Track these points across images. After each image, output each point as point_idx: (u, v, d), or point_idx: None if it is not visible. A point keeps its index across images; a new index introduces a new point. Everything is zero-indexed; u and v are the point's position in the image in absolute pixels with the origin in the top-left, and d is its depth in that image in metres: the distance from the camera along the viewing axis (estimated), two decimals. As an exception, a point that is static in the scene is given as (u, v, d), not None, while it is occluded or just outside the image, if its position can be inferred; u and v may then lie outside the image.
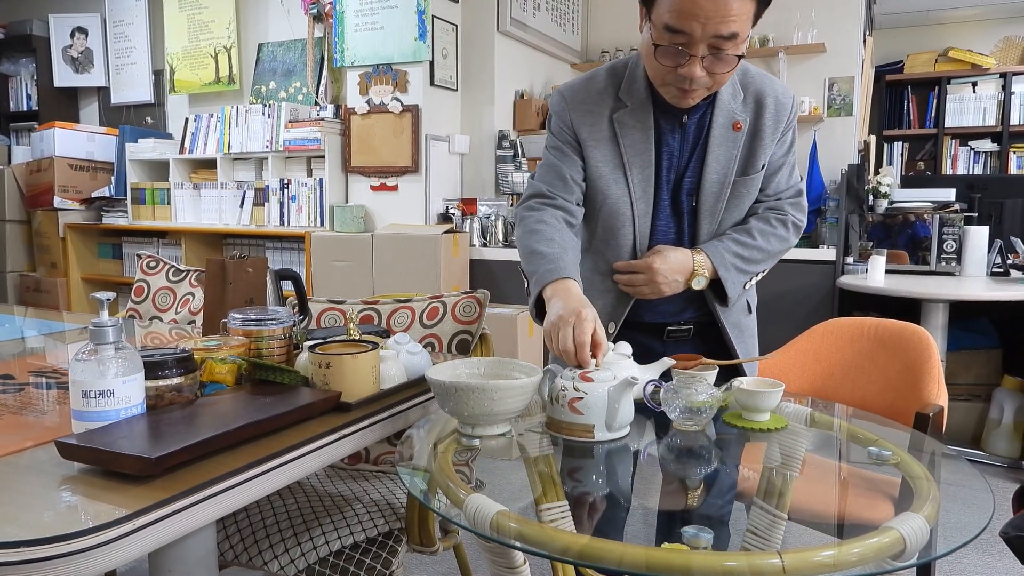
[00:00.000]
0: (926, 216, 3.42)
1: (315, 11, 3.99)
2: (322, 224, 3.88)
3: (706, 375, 1.14)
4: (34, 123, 5.21)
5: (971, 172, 5.89)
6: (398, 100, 3.74)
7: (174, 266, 2.26)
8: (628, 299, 1.41)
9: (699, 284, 1.35)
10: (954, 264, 3.35)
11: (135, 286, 2.26)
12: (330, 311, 1.85)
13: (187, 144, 4.34)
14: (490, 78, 4.04)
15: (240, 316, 1.27)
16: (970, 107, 5.87)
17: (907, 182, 4.43)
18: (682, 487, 1.03)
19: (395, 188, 3.84)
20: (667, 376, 1.19)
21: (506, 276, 3.59)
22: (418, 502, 1.38)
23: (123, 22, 4.99)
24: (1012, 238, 3.34)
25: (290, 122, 3.92)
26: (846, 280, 3.23)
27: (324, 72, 4.06)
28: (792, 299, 3.30)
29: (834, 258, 3.34)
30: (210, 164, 4.27)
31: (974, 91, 5.86)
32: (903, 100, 6.11)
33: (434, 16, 3.69)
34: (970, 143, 5.93)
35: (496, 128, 4.08)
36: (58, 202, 4.51)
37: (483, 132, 4.08)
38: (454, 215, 3.75)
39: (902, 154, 6.18)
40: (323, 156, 3.86)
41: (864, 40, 4.46)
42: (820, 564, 0.71)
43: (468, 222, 3.70)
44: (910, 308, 3.12)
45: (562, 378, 1.09)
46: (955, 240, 3.33)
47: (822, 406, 1.38)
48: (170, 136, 4.71)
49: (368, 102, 3.81)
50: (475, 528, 0.81)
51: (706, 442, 1.12)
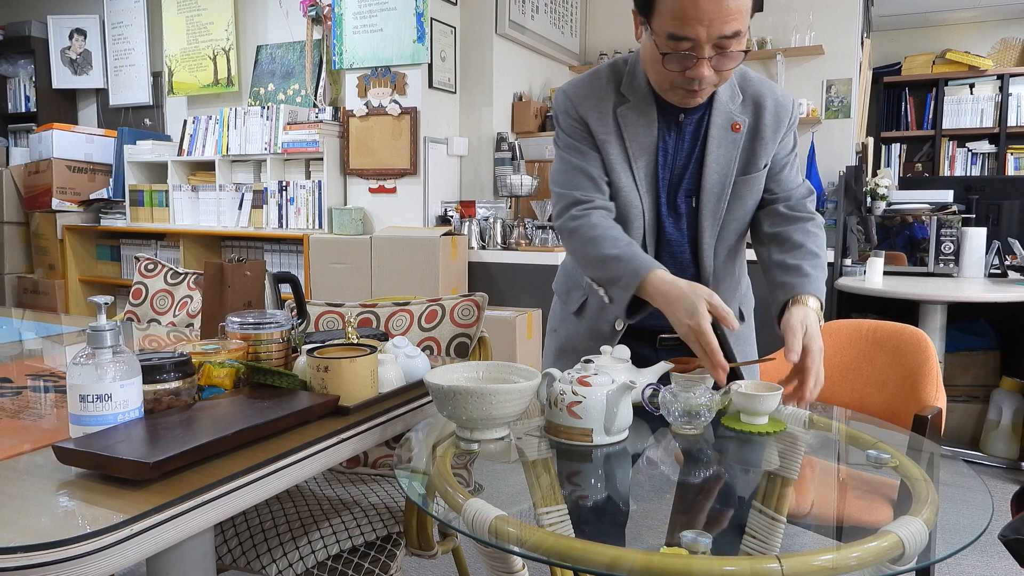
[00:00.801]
0: (924, 218, 3.43)
1: (314, 13, 3.99)
2: (320, 226, 3.88)
3: (704, 378, 1.14)
4: (32, 124, 5.21)
5: (969, 174, 5.90)
6: (396, 102, 3.74)
7: (172, 268, 2.26)
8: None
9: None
10: (952, 265, 3.35)
11: (133, 288, 2.26)
12: (328, 314, 1.85)
13: (185, 146, 4.34)
14: (488, 80, 4.04)
15: (238, 320, 1.26)
16: (967, 109, 5.88)
17: (905, 184, 4.43)
18: (681, 491, 1.03)
19: (393, 190, 3.84)
20: (666, 380, 1.19)
21: (505, 279, 3.59)
22: (416, 506, 1.38)
23: (122, 24, 4.99)
24: (1010, 239, 3.34)
25: (288, 124, 3.92)
26: (844, 282, 3.23)
27: (323, 74, 4.06)
28: (790, 301, 3.30)
29: (832, 260, 3.34)
30: (208, 166, 4.27)
31: (971, 93, 5.87)
32: (901, 102, 6.11)
33: (432, 18, 3.69)
34: (968, 145, 5.94)
35: (494, 130, 4.09)
36: (56, 204, 4.51)
37: (481, 134, 4.08)
38: (452, 217, 3.74)
39: (900, 156, 6.19)
40: (321, 158, 3.86)
41: (862, 42, 4.47)
42: (819, 568, 0.71)
43: (467, 224, 3.70)
44: (908, 309, 3.13)
45: (560, 382, 1.09)
46: (953, 241, 3.33)
47: (820, 408, 1.37)
48: (168, 138, 4.71)
49: (367, 104, 3.81)
50: (473, 533, 0.81)
51: (704, 445, 1.12)
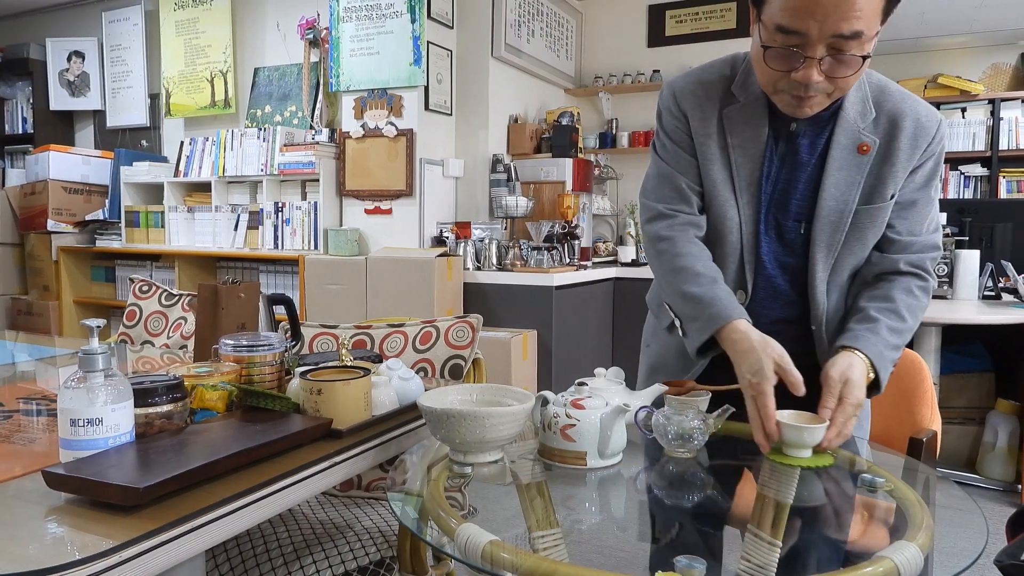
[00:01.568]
0: (917, 240, 3.44)
1: (311, 36, 4.03)
2: (316, 247, 3.88)
3: (698, 401, 1.14)
4: (29, 146, 5.23)
5: (962, 196, 5.94)
6: (393, 124, 3.76)
7: (166, 290, 2.26)
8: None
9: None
10: (946, 288, 3.36)
11: (127, 310, 2.25)
12: (323, 336, 1.85)
13: (182, 167, 4.35)
14: (484, 103, 4.07)
15: (231, 342, 1.26)
16: (960, 132, 5.93)
17: (898, 206, 4.46)
18: (674, 515, 1.03)
19: (389, 212, 3.85)
20: (660, 402, 1.18)
21: (500, 300, 3.60)
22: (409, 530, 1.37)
23: (120, 46, 5.03)
24: (1003, 262, 3.36)
25: (285, 146, 3.94)
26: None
27: (319, 96, 4.09)
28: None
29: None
30: (205, 187, 4.28)
31: (963, 117, 5.93)
32: (893, 125, 6.16)
33: (429, 42, 3.73)
34: (960, 168, 5.98)
35: (490, 152, 4.11)
36: (51, 225, 4.51)
37: (477, 156, 4.10)
38: (448, 238, 3.75)
39: (893, 178, 6.22)
40: (317, 180, 3.88)
41: (854, 66, 4.51)
42: (814, 595, 0.71)
43: (462, 246, 3.71)
44: (903, 332, 3.13)
45: (554, 404, 1.09)
46: (947, 264, 3.34)
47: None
48: (165, 159, 4.72)
49: (363, 126, 3.83)
50: (466, 559, 0.80)
51: (698, 469, 1.11)
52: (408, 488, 1.05)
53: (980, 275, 3.36)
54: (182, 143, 4.39)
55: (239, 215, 4.09)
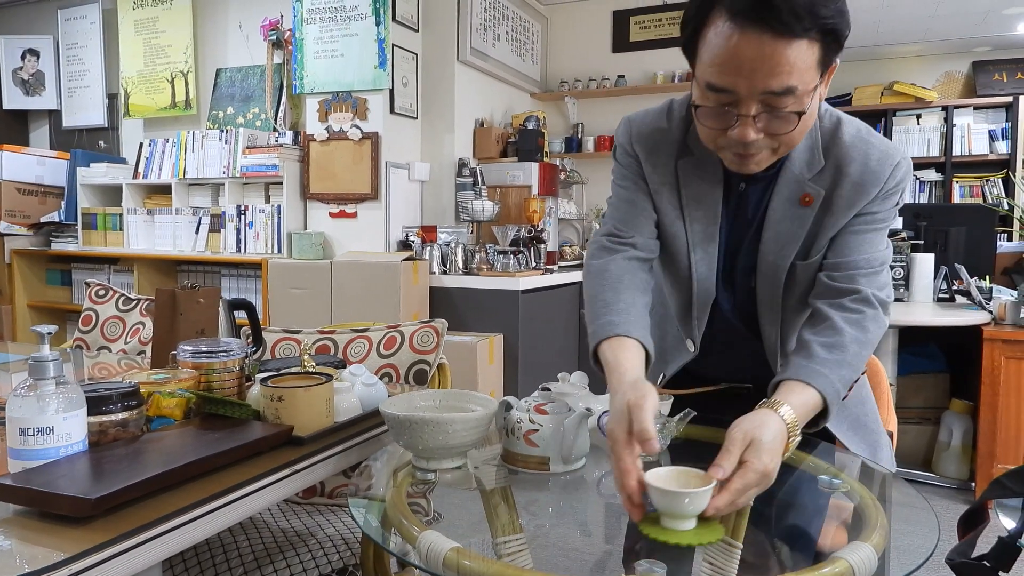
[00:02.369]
0: (875, 244, 3.51)
1: (274, 38, 3.98)
2: (280, 251, 3.83)
3: (659, 405, 1.14)
4: (-19, 146, 5.08)
5: (917, 201, 6.09)
6: (358, 127, 3.73)
7: (124, 295, 2.21)
8: (684, 352, 1.28)
9: (796, 444, 1.00)
10: (902, 290, 3.44)
11: (83, 315, 2.20)
12: (285, 341, 1.82)
13: (141, 169, 4.27)
14: (450, 106, 4.06)
15: (190, 348, 1.24)
16: (915, 138, 6.08)
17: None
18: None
19: (354, 215, 3.82)
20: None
21: (466, 304, 3.59)
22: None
23: (76, 44, 4.91)
24: (957, 265, 3.45)
25: (248, 148, 3.89)
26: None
27: (283, 98, 4.04)
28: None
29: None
30: (165, 189, 4.20)
31: (918, 123, 6.09)
32: (852, 131, 6.29)
33: (394, 44, 3.71)
34: (915, 173, 6.13)
35: (456, 156, 4.10)
36: (4, 227, 4.39)
37: (443, 160, 4.09)
38: (414, 242, 3.74)
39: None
40: (281, 182, 3.83)
41: (814, 73, 4.60)
42: (772, 596, 0.71)
43: (428, 249, 3.69)
44: (861, 334, 3.19)
45: (517, 410, 1.09)
46: (903, 267, 3.43)
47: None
48: (124, 161, 4.62)
49: (327, 129, 3.80)
50: (428, 567, 0.79)
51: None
52: (371, 494, 1.04)
53: (935, 278, 3.45)
54: (141, 144, 4.30)
55: (200, 218, 4.02)
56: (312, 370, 1.26)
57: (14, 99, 5.10)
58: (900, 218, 3.65)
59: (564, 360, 3.95)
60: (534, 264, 3.85)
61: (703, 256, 1.19)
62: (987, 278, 3.47)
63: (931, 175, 6.07)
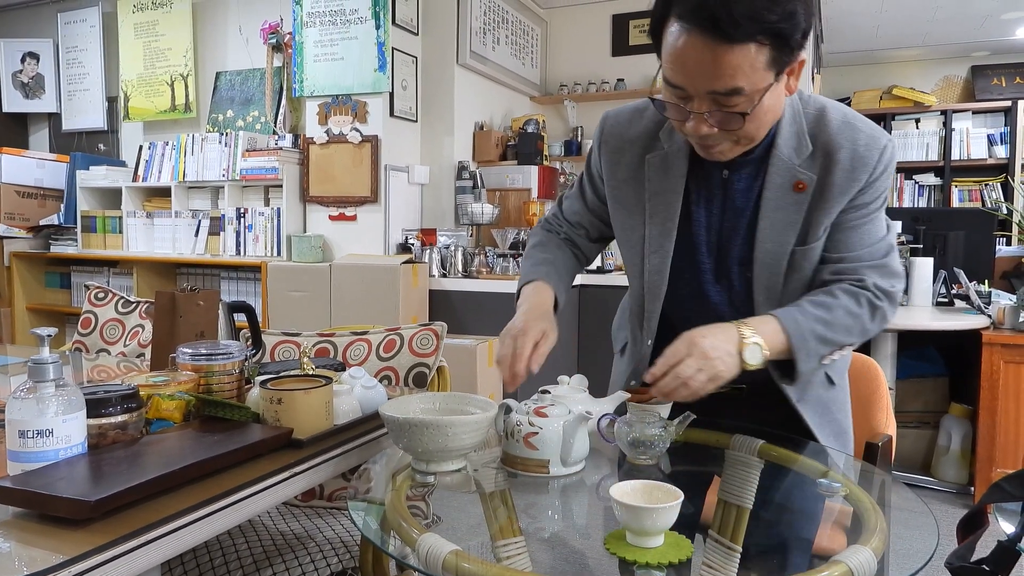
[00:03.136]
0: (874, 248, 3.51)
1: (274, 41, 3.98)
2: (279, 254, 3.83)
3: (659, 408, 1.15)
4: (-20, 149, 5.08)
5: (916, 205, 6.10)
6: (357, 130, 3.73)
7: (123, 297, 2.21)
8: (645, 348, 1.30)
9: (754, 358, 1.06)
10: (902, 294, 3.44)
11: (82, 317, 2.20)
12: (285, 344, 1.82)
13: (141, 172, 4.27)
14: (450, 109, 4.07)
15: (189, 351, 1.24)
16: (914, 143, 6.10)
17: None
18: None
19: (354, 218, 3.82)
20: (623, 410, 1.19)
21: (466, 307, 3.59)
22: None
23: (76, 48, 4.92)
24: (956, 269, 3.45)
25: (247, 151, 3.89)
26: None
27: (283, 101, 4.04)
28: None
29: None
30: (164, 192, 4.20)
31: (917, 127, 6.10)
32: (851, 135, 6.31)
33: (394, 48, 3.71)
34: (914, 177, 6.15)
35: (456, 159, 4.11)
36: (3, 230, 4.38)
37: (443, 163, 4.09)
38: (413, 245, 3.74)
39: (851, 187, 6.37)
40: (281, 185, 3.83)
41: (812, 77, 4.62)
42: (771, 599, 0.71)
43: (427, 252, 3.69)
44: (860, 337, 3.19)
45: (517, 412, 1.09)
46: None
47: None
48: (123, 164, 4.62)
49: (327, 132, 3.80)
50: (427, 570, 0.79)
51: (659, 475, 1.12)
52: (371, 497, 1.04)
53: (934, 282, 3.45)
54: (141, 147, 4.30)
55: (200, 221, 4.02)
56: (311, 373, 1.26)
57: (14, 102, 5.11)
58: (899, 222, 3.66)
59: (563, 363, 3.95)
60: (533, 267, 3.84)
61: (657, 249, 1.22)
62: (986, 282, 3.47)
63: (930, 179, 6.08)
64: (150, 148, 4.26)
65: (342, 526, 1.56)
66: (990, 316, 3.07)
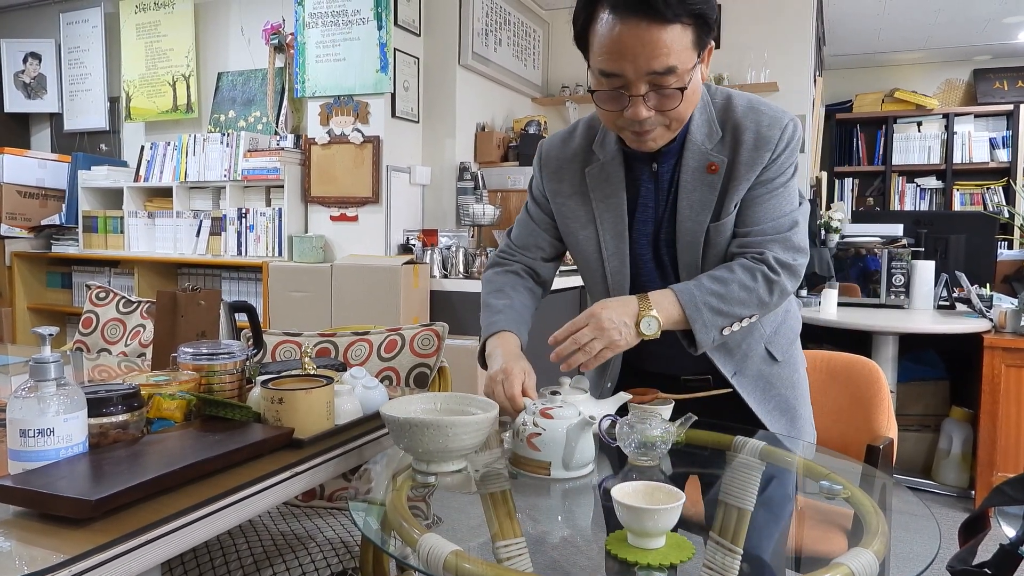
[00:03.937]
0: (876, 250, 3.52)
1: (276, 41, 3.99)
2: (280, 254, 3.83)
3: (661, 409, 1.15)
4: (-18, 149, 5.08)
5: (917, 208, 6.10)
6: (359, 131, 3.74)
7: (124, 297, 2.21)
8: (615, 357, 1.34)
9: (649, 328, 1.16)
10: (903, 297, 3.44)
11: (83, 317, 2.20)
12: (286, 343, 1.82)
13: (142, 172, 4.27)
14: (451, 110, 4.07)
15: (191, 350, 1.24)
16: (915, 146, 6.10)
17: (857, 217, 4.57)
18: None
19: (355, 219, 3.82)
20: (624, 411, 1.19)
21: (467, 307, 3.58)
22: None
23: (78, 48, 4.92)
24: (957, 272, 3.45)
25: (249, 151, 3.89)
26: (800, 312, 3.29)
27: (284, 102, 4.05)
28: (748, 331, 3.35)
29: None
30: (166, 193, 4.20)
31: (919, 130, 6.10)
32: (852, 138, 6.31)
33: (396, 49, 3.71)
34: (916, 180, 6.15)
35: (457, 160, 4.11)
36: (5, 230, 4.39)
37: (444, 164, 4.09)
38: (415, 246, 3.73)
39: (852, 190, 6.38)
40: (282, 186, 3.83)
41: (814, 80, 4.62)
42: (773, 601, 0.71)
43: (429, 253, 3.69)
44: (862, 340, 3.20)
45: (526, 412, 1.10)
46: (903, 274, 3.43)
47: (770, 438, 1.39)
48: (125, 164, 4.63)
49: (329, 132, 3.80)
50: (428, 570, 0.79)
51: (661, 477, 1.12)
52: (371, 498, 1.04)
53: (935, 285, 3.45)
54: (143, 147, 4.30)
55: (201, 221, 4.03)
56: (312, 373, 1.26)
57: (16, 102, 5.11)
58: (900, 225, 3.66)
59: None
60: (534, 269, 3.84)
61: (615, 252, 1.30)
62: (987, 286, 3.47)
63: (932, 183, 6.08)
64: (152, 148, 4.26)
65: (343, 526, 1.56)
66: (991, 319, 3.07)
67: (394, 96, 3.74)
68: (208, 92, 4.45)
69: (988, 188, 5.93)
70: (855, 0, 4.81)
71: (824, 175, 4.99)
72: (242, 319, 1.57)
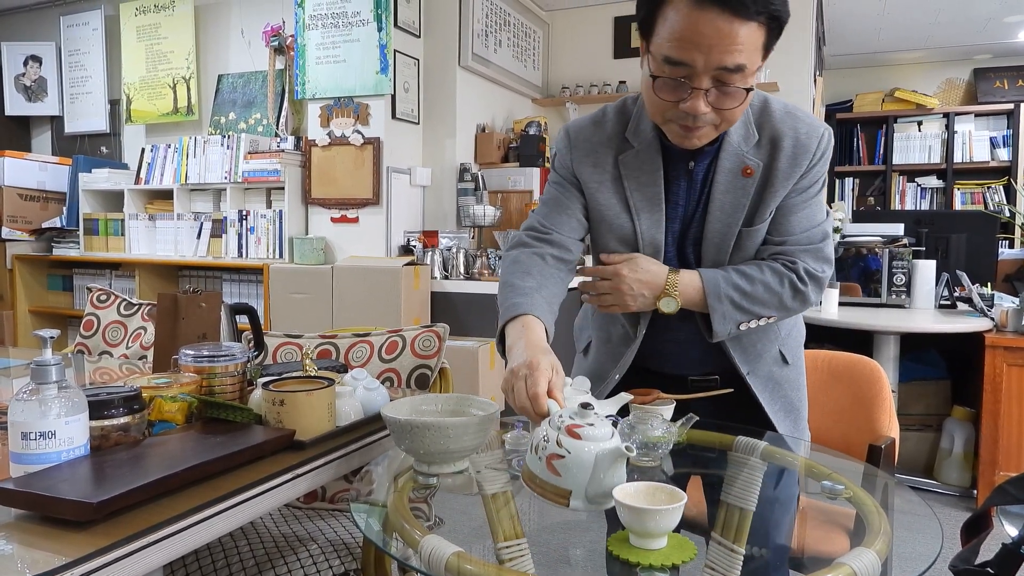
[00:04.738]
0: (877, 250, 3.52)
1: (276, 43, 3.99)
2: (281, 256, 3.84)
3: (662, 410, 1.14)
4: (-17, 152, 5.08)
5: (918, 207, 6.09)
6: (359, 132, 3.74)
7: (126, 299, 2.21)
8: (632, 344, 1.32)
9: (668, 307, 1.20)
10: (904, 297, 3.44)
11: (84, 320, 2.20)
12: (287, 345, 1.82)
13: (143, 174, 4.27)
14: (451, 112, 4.07)
15: (192, 352, 1.24)
16: (916, 145, 6.09)
17: (858, 216, 4.56)
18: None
19: (356, 220, 3.82)
20: (625, 411, 1.19)
21: (467, 308, 3.58)
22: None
23: (79, 51, 4.93)
24: (958, 272, 3.44)
25: (249, 153, 3.89)
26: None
27: (285, 104, 4.05)
28: (749, 331, 3.34)
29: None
30: (166, 195, 4.21)
31: (919, 130, 6.09)
32: (853, 137, 6.31)
33: (396, 50, 3.72)
34: (917, 179, 6.14)
35: (457, 161, 4.11)
36: (6, 232, 4.39)
37: (444, 165, 4.10)
38: (415, 247, 3.74)
39: (853, 189, 6.37)
40: (283, 187, 3.83)
41: (815, 80, 4.62)
42: (775, 601, 0.71)
43: (429, 254, 3.69)
44: (863, 340, 3.19)
45: (549, 424, 0.90)
46: (904, 273, 3.42)
47: (775, 439, 1.39)
48: (125, 166, 4.63)
49: (329, 134, 3.81)
50: (430, 571, 0.79)
51: (663, 477, 1.12)
52: (373, 499, 1.04)
53: (936, 285, 3.44)
54: (143, 150, 4.31)
55: (202, 223, 4.03)
56: (314, 374, 1.26)
57: (16, 105, 5.12)
58: (901, 225, 3.65)
59: (566, 365, 3.94)
60: (535, 270, 3.84)
61: (650, 241, 1.26)
62: (988, 285, 3.47)
63: (932, 182, 6.08)
64: (152, 151, 4.26)
65: (344, 528, 1.56)
66: (993, 319, 3.07)
67: (394, 97, 3.75)
68: (208, 94, 4.45)
69: (989, 187, 5.92)
70: (855, 0, 4.81)
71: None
72: (243, 321, 1.57)
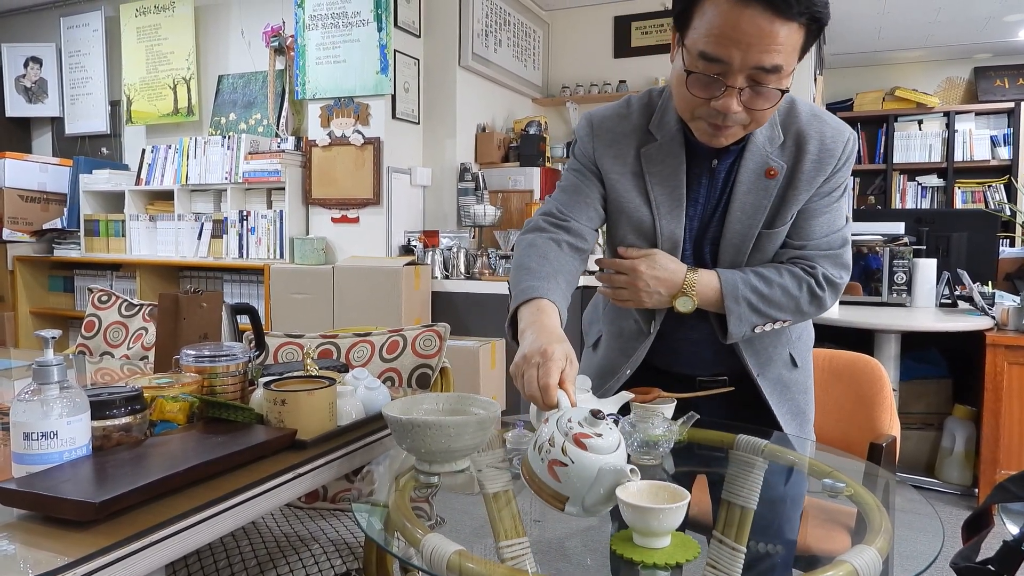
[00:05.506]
0: (878, 248, 3.52)
1: (276, 44, 3.99)
2: (282, 256, 3.84)
3: (663, 408, 1.14)
4: (-16, 153, 5.09)
5: (919, 206, 6.09)
6: (360, 132, 3.74)
7: (127, 300, 2.21)
8: (644, 340, 1.31)
9: (684, 306, 1.19)
10: (905, 295, 3.44)
11: (86, 321, 2.20)
12: (288, 345, 1.82)
13: (144, 175, 4.28)
14: (452, 111, 4.07)
15: (193, 352, 1.24)
16: (916, 144, 6.09)
17: (859, 215, 4.56)
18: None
19: (356, 220, 3.82)
20: (626, 410, 1.19)
21: (468, 308, 3.59)
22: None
23: (79, 52, 4.93)
24: (959, 270, 3.44)
25: (250, 154, 3.89)
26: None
27: (285, 104, 4.05)
28: (750, 330, 3.34)
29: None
30: (167, 195, 4.21)
31: (920, 129, 6.09)
32: (853, 136, 6.31)
33: (396, 50, 3.72)
34: (917, 178, 6.14)
35: (458, 161, 4.11)
36: (7, 234, 4.40)
37: (445, 165, 4.10)
38: (416, 247, 3.74)
39: (854, 188, 6.37)
40: (283, 188, 3.84)
41: (815, 79, 4.62)
42: (776, 599, 0.71)
43: (430, 254, 3.69)
44: (864, 339, 3.19)
45: (559, 425, 0.88)
46: (905, 272, 3.42)
47: (781, 438, 1.39)
48: (126, 167, 4.64)
49: (329, 134, 3.81)
50: (432, 570, 0.79)
51: (664, 476, 1.12)
52: (374, 499, 1.04)
53: (937, 283, 3.44)
54: (144, 151, 4.31)
55: (203, 224, 4.03)
56: (315, 374, 1.26)
57: (17, 106, 5.12)
58: (902, 223, 3.65)
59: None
60: (536, 269, 3.84)
61: (669, 236, 1.24)
62: (989, 283, 3.47)
63: (933, 181, 6.08)
64: (153, 151, 4.27)
65: (346, 528, 1.56)
66: (994, 317, 3.07)
67: (394, 97, 3.75)
68: (209, 95, 4.45)
69: (989, 186, 5.92)
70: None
71: (825, 174, 4.99)
72: (244, 321, 1.57)
